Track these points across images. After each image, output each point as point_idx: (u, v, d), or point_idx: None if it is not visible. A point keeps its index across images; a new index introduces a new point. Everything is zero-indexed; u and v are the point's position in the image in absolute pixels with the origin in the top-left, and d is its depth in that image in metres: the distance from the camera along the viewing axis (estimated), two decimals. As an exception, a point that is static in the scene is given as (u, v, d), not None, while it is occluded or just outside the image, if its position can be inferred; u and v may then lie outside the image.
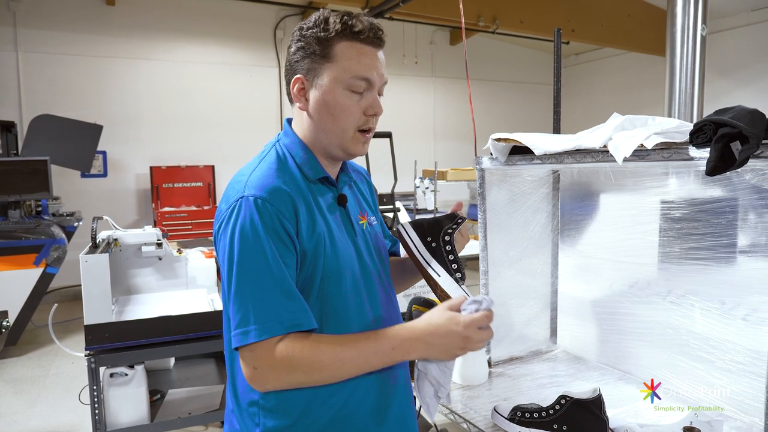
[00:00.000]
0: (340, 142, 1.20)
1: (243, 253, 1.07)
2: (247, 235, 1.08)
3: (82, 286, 2.61)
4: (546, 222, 2.23)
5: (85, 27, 7.18)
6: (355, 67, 1.15)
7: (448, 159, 8.14)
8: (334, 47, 1.14)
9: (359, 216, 1.30)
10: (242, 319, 1.06)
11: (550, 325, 2.31)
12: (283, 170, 1.18)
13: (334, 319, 1.17)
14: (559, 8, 7.24)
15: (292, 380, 1.09)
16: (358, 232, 1.27)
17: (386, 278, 1.33)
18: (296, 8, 8.14)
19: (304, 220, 1.14)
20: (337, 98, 1.16)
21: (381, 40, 1.18)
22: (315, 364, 1.07)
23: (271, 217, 1.09)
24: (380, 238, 1.37)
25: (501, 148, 1.89)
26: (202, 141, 7.81)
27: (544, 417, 1.55)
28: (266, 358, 1.06)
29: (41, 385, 4.23)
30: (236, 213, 1.10)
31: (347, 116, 1.17)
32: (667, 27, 2.76)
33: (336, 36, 1.14)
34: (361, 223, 1.30)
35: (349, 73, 1.15)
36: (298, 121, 1.25)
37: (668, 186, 1.88)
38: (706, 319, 1.77)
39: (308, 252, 1.14)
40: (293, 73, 1.19)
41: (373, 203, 1.43)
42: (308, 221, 1.15)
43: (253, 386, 1.10)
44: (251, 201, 1.09)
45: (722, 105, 1.34)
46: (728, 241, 1.71)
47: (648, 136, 1.38)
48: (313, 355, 1.06)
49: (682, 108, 2.72)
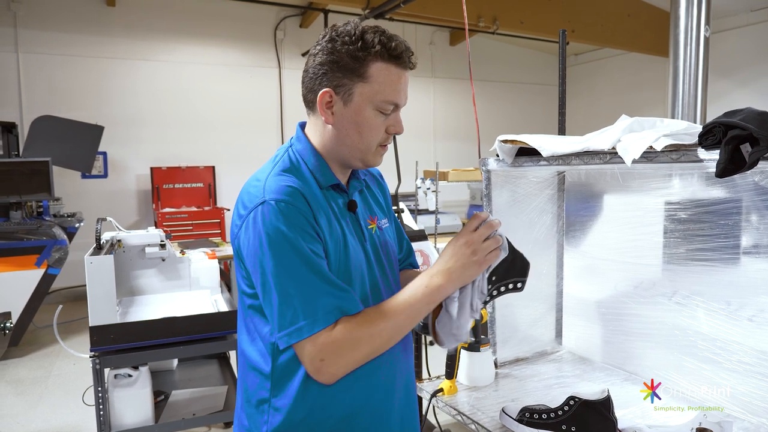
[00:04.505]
0: (362, 156, 1.22)
1: (276, 258, 1.09)
2: (274, 239, 1.09)
3: (87, 287, 2.61)
4: (551, 223, 2.24)
5: (86, 28, 7.17)
6: (388, 91, 1.16)
7: (448, 159, 8.14)
8: (370, 67, 1.14)
9: (369, 220, 1.31)
10: (291, 319, 1.08)
11: (555, 326, 2.32)
12: (297, 175, 1.19)
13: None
14: (558, 9, 7.25)
15: (357, 356, 1.12)
16: (367, 236, 1.28)
17: (394, 283, 1.33)
18: (296, 9, 8.14)
19: (323, 222, 1.16)
20: (366, 117, 1.17)
21: (413, 65, 1.19)
22: (374, 330, 1.11)
23: (296, 216, 1.11)
24: (389, 243, 1.37)
25: (507, 150, 1.89)
26: (203, 142, 7.81)
27: (553, 418, 1.55)
28: (329, 346, 1.08)
29: (43, 386, 4.23)
30: (260, 218, 1.11)
31: (374, 135, 1.19)
32: (670, 28, 2.76)
33: (373, 56, 1.13)
34: (370, 227, 1.31)
35: (382, 96, 1.15)
36: (315, 129, 1.24)
37: (673, 187, 1.89)
38: (712, 320, 1.77)
39: (330, 250, 1.16)
40: (320, 84, 1.17)
41: (386, 205, 1.43)
42: (326, 223, 1.17)
43: (320, 380, 1.11)
44: (273, 205, 1.10)
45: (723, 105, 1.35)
46: (733, 242, 1.71)
47: (657, 138, 1.38)
48: (369, 329, 1.11)
49: (685, 109, 2.72)
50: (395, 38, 1.16)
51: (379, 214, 1.36)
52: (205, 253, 3.70)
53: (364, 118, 1.17)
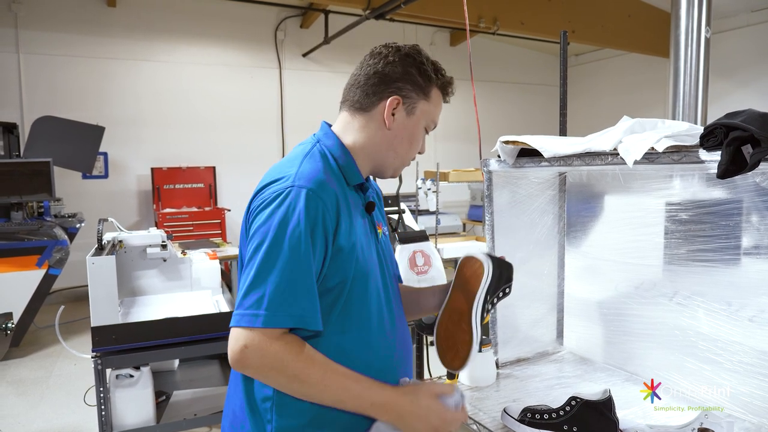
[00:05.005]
0: (399, 165, 1.35)
1: (278, 239, 1.09)
2: (288, 223, 1.09)
3: (89, 288, 2.62)
4: (552, 224, 2.24)
5: (86, 28, 7.18)
6: (436, 114, 1.35)
7: (448, 160, 8.13)
8: (433, 90, 1.32)
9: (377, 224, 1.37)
10: (256, 301, 1.07)
11: (556, 326, 2.32)
12: (328, 169, 1.22)
13: (357, 322, 1.22)
14: (559, 9, 7.25)
15: (271, 379, 1.11)
16: (380, 239, 1.36)
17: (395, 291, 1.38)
18: (296, 9, 8.15)
19: (344, 219, 1.18)
20: (419, 131, 1.32)
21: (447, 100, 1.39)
22: (301, 376, 1.08)
23: (317, 211, 1.12)
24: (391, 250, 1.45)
25: (509, 151, 1.89)
26: (203, 142, 7.82)
27: (555, 418, 1.56)
28: (261, 345, 1.06)
29: (44, 386, 4.24)
30: (284, 199, 1.12)
31: (416, 148, 1.34)
32: (671, 29, 2.76)
33: (436, 81, 1.32)
34: (379, 231, 1.37)
35: (432, 116, 1.33)
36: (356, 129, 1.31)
37: (674, 188, 1.89)
38: (713, 321, 1.78)
39: (345, 249, 1.17)
40: (388, 90, 1.28)
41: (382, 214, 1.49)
42: (348, 220, 1.20)
43: (231, 363, 1.10)
44: (303, 192, 1.12)
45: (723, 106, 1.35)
46: (734, 243, 1.72)
47: (659, 139, 1.39)
48: (303, 368, 1.08)
49: (686, 110, 2.72)
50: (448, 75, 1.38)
51: (381, 219, 1.43)
52: (206, 253, 3.71)
53: (418, 131, 1.32)
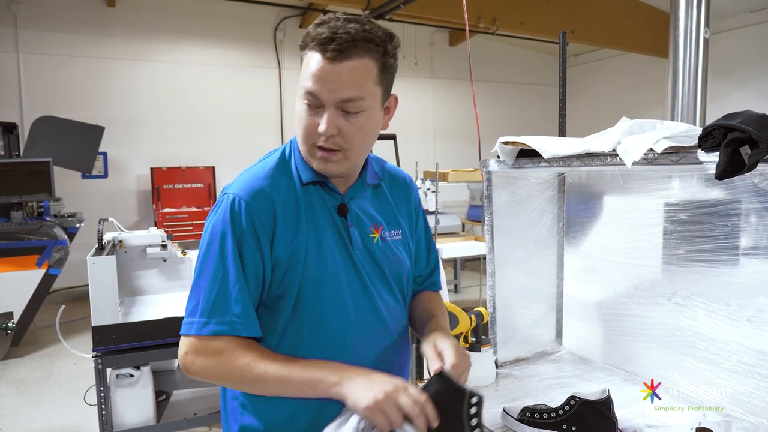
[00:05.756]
0: (304, 153, 1.17)
1: (209, 249, 1.12)
2: (216, 232, 1.12)
3: (90, 287, 2.62)
4: (551, 224, 2.25)
5: (86, 28, 7.18)
6: (304, 78, 1.09)
7: (447, 160, 8.16)
8: (305, 54, 1.10)
9: (371, 229, 1.24)
10: (191, 310, 1.12)
11: (555, 326, 2.33)
12: (280, 170, 1.18)
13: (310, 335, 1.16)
14: (558, 9, 7.26)
15: (217, 381, 1.13)
16: (359, 245, 1.21)
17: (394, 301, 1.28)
18: (296, 9, 8.16)
19: (283, 227, 1.13)
20: (297, 108, 1.13)
21: (335, 51, 1.05)
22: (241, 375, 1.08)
23: (247, 218, 1.11)
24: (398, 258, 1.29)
25: (509, 151, 1.90)
26: (203, 142, 7.82)
27: (554, 418, 1.56)
28: (199, 351, 1.09)
29: (44, 386, 4.24)
30: (218, 207, 1.15)
31: (301, 128, 1.13)
32: (670, 29, 2.77)
33: (308, 44, 1.09)
34: (372, 236, 1.24)
35: (301, 83, 1.11)
36: None
37: (672, 189, 1.90)
38: (712, 321, 1.79)
39: (282, 260, 1.13)
40: None
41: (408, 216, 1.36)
42: (289, 227, 1.14)
43: (187, 375, 1.13)
44: (230, 200, 1.12)
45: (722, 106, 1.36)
46: (733, 244, 1.73)
47: (657, 140, 1.40)
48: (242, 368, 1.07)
49: (685, 110, 2.73)
50: (331, 22, 1.08)
51: (389, 223, 1.29)
52: (206, 253, 3.71)
53: (296, 108, 1.14)
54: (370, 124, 1.13)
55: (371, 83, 1.09)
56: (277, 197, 1.14)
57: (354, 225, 1.21)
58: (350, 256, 1.19)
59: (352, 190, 1.23)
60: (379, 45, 1.08)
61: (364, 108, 1.09)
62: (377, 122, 1.15)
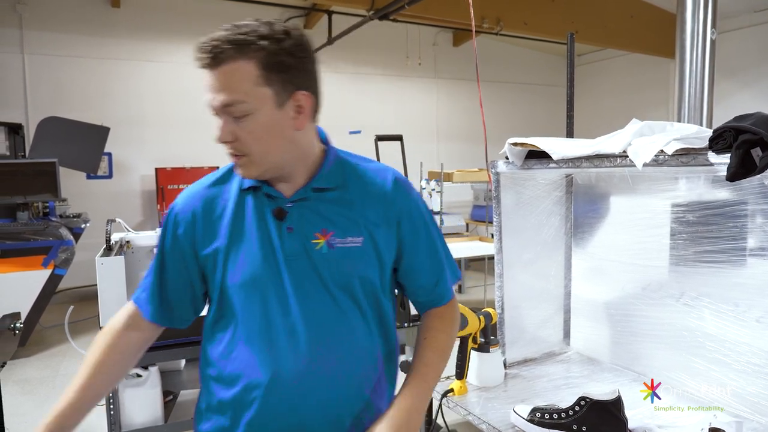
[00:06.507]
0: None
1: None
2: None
3: (98, 288, 2.63)
4: (559, 225, 2.26)
5: (90, 29, 7.20)
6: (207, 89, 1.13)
7: (451, 160, 8.16)
8: None
9: (317, 234, 1.17)
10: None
11: (563, 327, 2.34)
12: (223, 179, 1.24)
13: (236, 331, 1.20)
14: (562, 10, 7.26)
15: None
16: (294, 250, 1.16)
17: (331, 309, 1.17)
18: (300, 10, 8.16)
19: (203, 231, 1.20)
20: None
21: (209, 59, 1.09)
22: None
23: (173, 220, 1.22)
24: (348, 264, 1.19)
25: (517, 153, 1.91)
26: (207, 142, 7.77)
27: (564, 418, 1.57)
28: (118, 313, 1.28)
29: (51, 385, 4.25)
30: None
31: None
32: (676, 30, 2.78)
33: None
34: (315, 241, 1.17)
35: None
36: None
37: (680, 190, 1.91)
38: (720, 321, 1.79)
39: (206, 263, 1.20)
40: None
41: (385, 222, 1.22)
42: (209, 232, 1.20)
43: None
44: (168, 210, 1.25)
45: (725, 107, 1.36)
46: (740, 245, 1.73)
47: (668, 142, 1.40)
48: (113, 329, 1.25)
49: (691, 111, 2.74)
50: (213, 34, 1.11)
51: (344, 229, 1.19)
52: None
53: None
54: (262, 126, 1.09)
55: (250, 85, 1.07)
56: (202, 202, 1.21)
57: (295, 230, 1.17)
58: (276, 262, 1.16)
59: (298, 194, 1.18)
60: (257, 45, 1.06)
61: (248, 111, 1.07)
62: (275, 123, 1.10)
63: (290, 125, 1.12)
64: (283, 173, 1.17)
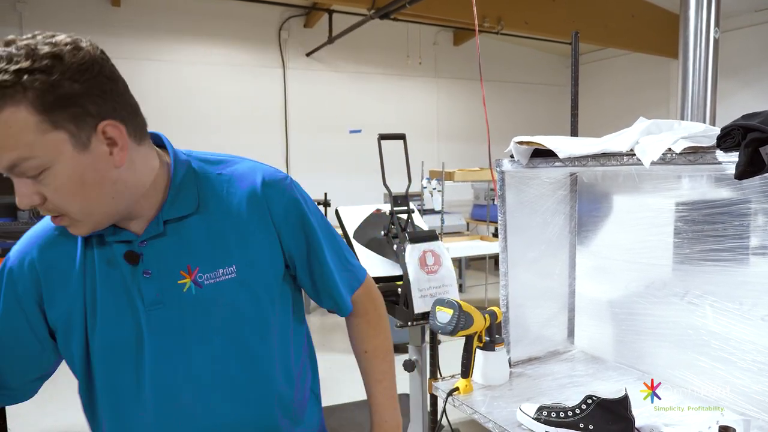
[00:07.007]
0: None
1: None
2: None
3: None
4: (564, 224, 2.26)
5: (91, 28, 7.18)
6: None
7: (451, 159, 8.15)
8: None
9: (182, 273, 0.98)
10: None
11: (567, 325, 2.34)
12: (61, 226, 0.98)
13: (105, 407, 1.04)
14: (563, 9, 7.26)
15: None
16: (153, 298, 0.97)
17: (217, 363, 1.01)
18: (300, 9, 8.16)
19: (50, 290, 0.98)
20: None
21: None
22: None
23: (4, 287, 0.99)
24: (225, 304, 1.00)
25: (523, 151, 1.91)
26: (206, 142, 7.79)
27: (571, 416, 1.57)
28: None
29: (52, 385, 4.19)
30: None
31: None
32: (680, 30, 2.78)
33: None
34: (181, 282, 0.98)
35: None
36: None
37: (683, 188, 1.91)
38: (725, 320, 1.79)
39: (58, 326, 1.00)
40: None
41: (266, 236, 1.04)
42: (57, 290, 0.98)
43: None
44: (2, 264, 1.01)
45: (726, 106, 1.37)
46: (745, 243, 1.74)
47: (676, 140, 1.40)
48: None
49: (694, 110, 2.74)
50: None
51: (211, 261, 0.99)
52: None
53: None
54: (69, 179, 0.85)
55: (32, 135, 0.80)
56: (42, 259, 0.98)
57: (153, 273, 0.97)
58: (134, 318, 0.97)
59: (148, 231, 0.97)
60: (21, 84, 0.78)
61: (43, 166, 0.83)
62: (84, 170, 0.86)
63: (107, 165, 0.88)
64: (125, 215, 0.96)
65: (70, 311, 0.97)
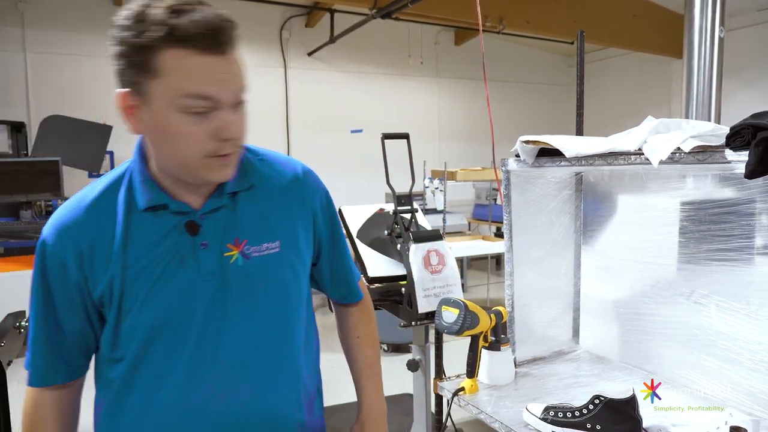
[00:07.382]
0: (186, 171, 0.96)
1: (31, 297, 1.05)
2: (32, 281, 1.04)
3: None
4: (569, 223, 2.25)
5: (93, 27, 7.17)
6: (186, 83, 0.88)
7: (452, 159, 8.14)
8: (158, 58, 0.87)
9: (230, 246, 1.02)
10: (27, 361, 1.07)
11: (572, 325, 2.33)
12: (103, 197, 1.02)
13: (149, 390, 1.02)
14: (564, 8, 7.25)
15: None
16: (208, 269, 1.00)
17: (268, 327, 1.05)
18: (302, 8, 8.15)
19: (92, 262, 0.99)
20: (171, 123, 0.90)
21: (222, 43, 0.92)
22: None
23: (51, 261, 1.00)
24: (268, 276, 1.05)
25: (529, 150, 1.90)
26: (209, 141, 7.83)
27: (578, 417, 1.57)
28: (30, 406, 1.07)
29: (54, 385, 4.24)
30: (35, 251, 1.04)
31: (187, 144, 0.91)
32: (684, 29, 2.77)
33: (158, 44, 0.87)
34: (228, 254, 1.01)
35: (179, 91, 0.88)
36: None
37: (688, 188, 1.90)
38: (732, 319, 1.79)
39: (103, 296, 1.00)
40: (118, 84, 0.95)
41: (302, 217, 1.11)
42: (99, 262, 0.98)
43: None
44: (39, 244, 1.02)
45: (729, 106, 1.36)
46: (751, 243, 1.73)
47: (684, 140, 1.40)
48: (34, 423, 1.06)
49: (699, 109, 2.73)
50: (189, 12, 0.88)
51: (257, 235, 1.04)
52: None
53: (168, 124, 0.90)
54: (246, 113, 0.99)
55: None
56: (87, 229, 0.99)
57: (210, 244, 1.00)
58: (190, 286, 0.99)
59: (210, 203, 1.02)
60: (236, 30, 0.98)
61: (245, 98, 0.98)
62: None
63: None
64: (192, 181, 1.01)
65: (113, 284, 0.98)
